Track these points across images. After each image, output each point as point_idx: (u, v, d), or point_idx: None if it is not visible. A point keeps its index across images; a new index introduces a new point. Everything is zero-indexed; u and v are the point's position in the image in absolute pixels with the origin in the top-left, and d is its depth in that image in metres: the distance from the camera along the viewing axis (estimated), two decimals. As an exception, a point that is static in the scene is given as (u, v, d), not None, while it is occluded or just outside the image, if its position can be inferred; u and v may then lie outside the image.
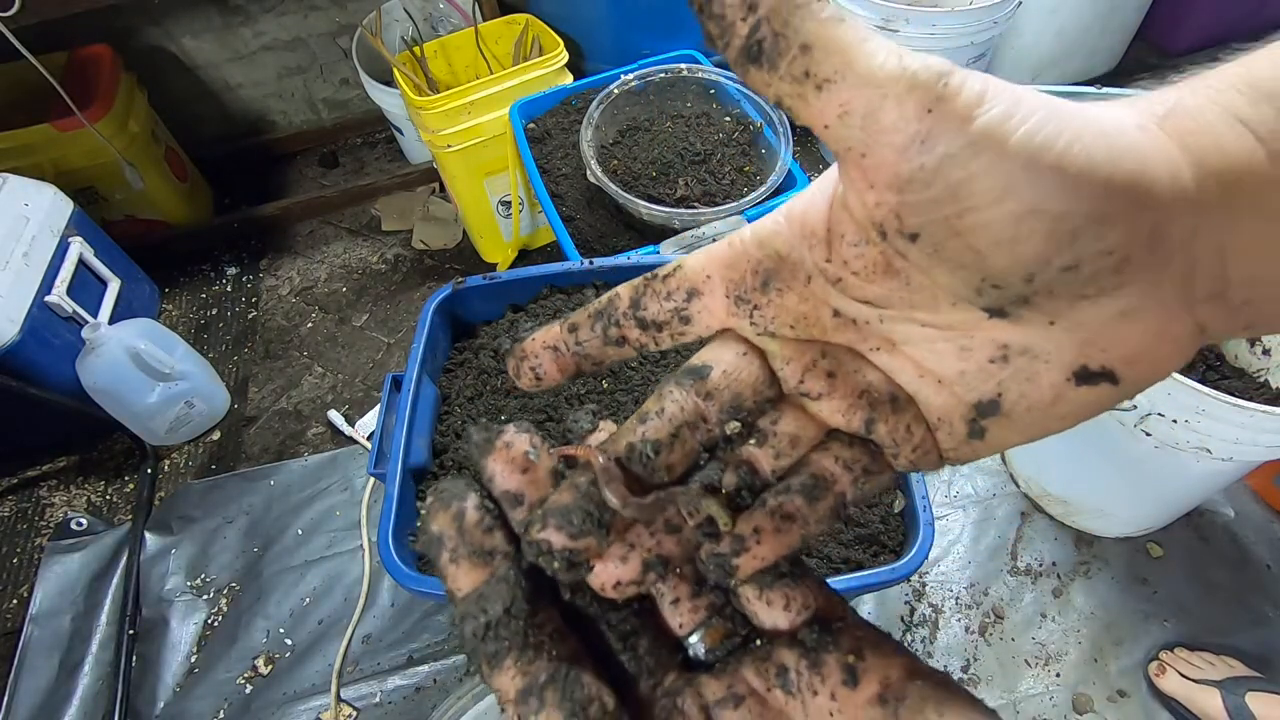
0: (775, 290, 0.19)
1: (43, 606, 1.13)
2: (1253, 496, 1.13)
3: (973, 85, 0.14)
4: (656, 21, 1.39)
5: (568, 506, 0.18)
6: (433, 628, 1.07)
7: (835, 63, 0.14)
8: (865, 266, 0.17)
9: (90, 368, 1.14)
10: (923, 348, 0.18)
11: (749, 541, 0.18)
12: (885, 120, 0.14)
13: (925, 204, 0.14)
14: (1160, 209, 0.14)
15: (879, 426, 0.18)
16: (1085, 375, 0.16)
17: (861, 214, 0.16)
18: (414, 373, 0.77)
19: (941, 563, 1.10)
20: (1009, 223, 0.14)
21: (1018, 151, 0.13)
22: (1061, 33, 1.58)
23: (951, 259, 0.15)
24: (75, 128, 1.30)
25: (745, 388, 0.19)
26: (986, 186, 0.14)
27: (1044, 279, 0.14)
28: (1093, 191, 0.14)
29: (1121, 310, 0.15)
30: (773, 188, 1.01)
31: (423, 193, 1.69)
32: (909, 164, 0.14)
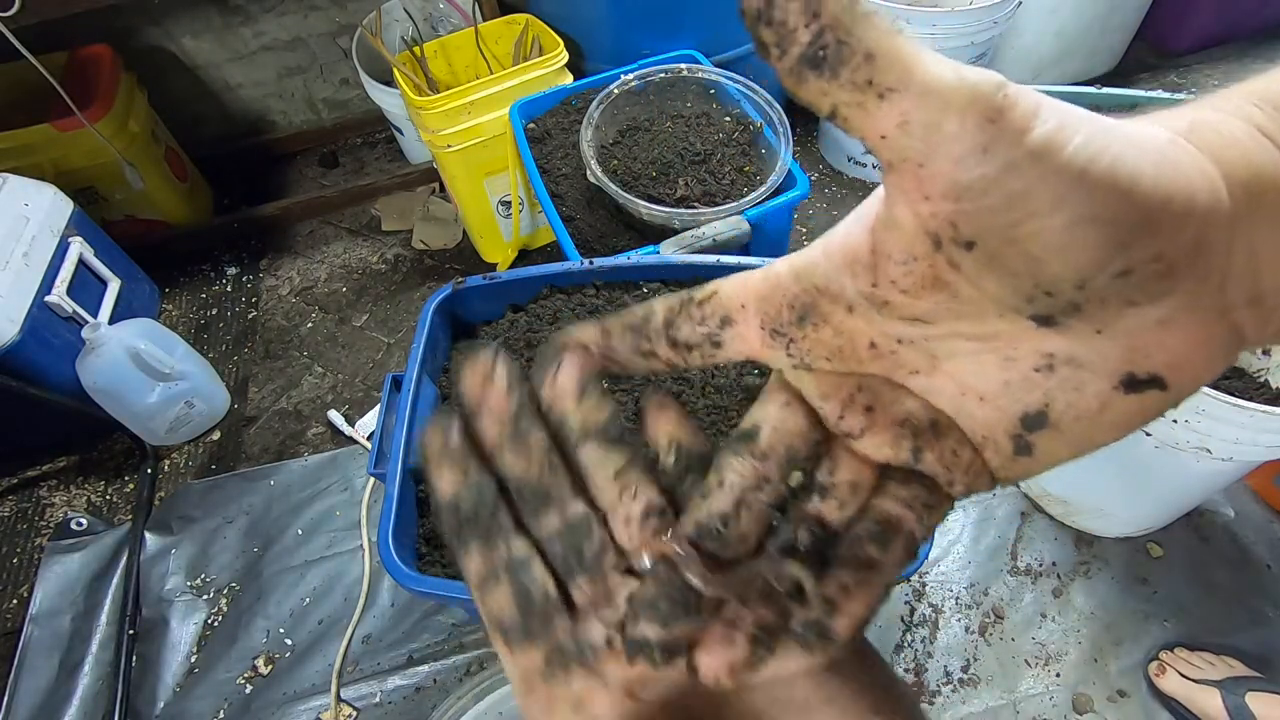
0: (811, 324, 0.19)
1: (43, 606, 1.13)
2: (1253, 496, 1.13)
3: (1028, 98, 0.14)
4: (656, 21, 1.39)
5: (653, 597, 0.19)
6: (433, 628, 1.07)
7: (898, 72, 0.14)
8: (914, 282, 0.17)
9: (90, 368, 1.14)
10: (965, 362, 0.18)
11: (838, 600, 0.18)
12: (947, 130, 0.14)
13: (983, 212, 0.15)
14: (1201, 218, 0.15)
15: (926, 455, 0.19)
16: (1132, 383, 0.16)
17: (913, 225, 0.16)
18: (414, 373, 0.77)
19: (941, 563, 1.10)
20: (1064, 230, 0.14)
21: (1070, 162, 0.14)
22: (1061, 33, 1.58)
23: (1006, 266, 0.15)
24: (75, 128, 1.30)
25: (796, 439, 0.20)
26: (1043, 195, 0.14)
27: (1096, 285, 0.15)
28: (1141, 201, 0.14)
29: (1162, 318, 0.15)
30: (773, 188, 1.01)
31: (423, 193, 1.69)
32: (968, 173, 0.14)
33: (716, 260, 0.86)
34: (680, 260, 0.86)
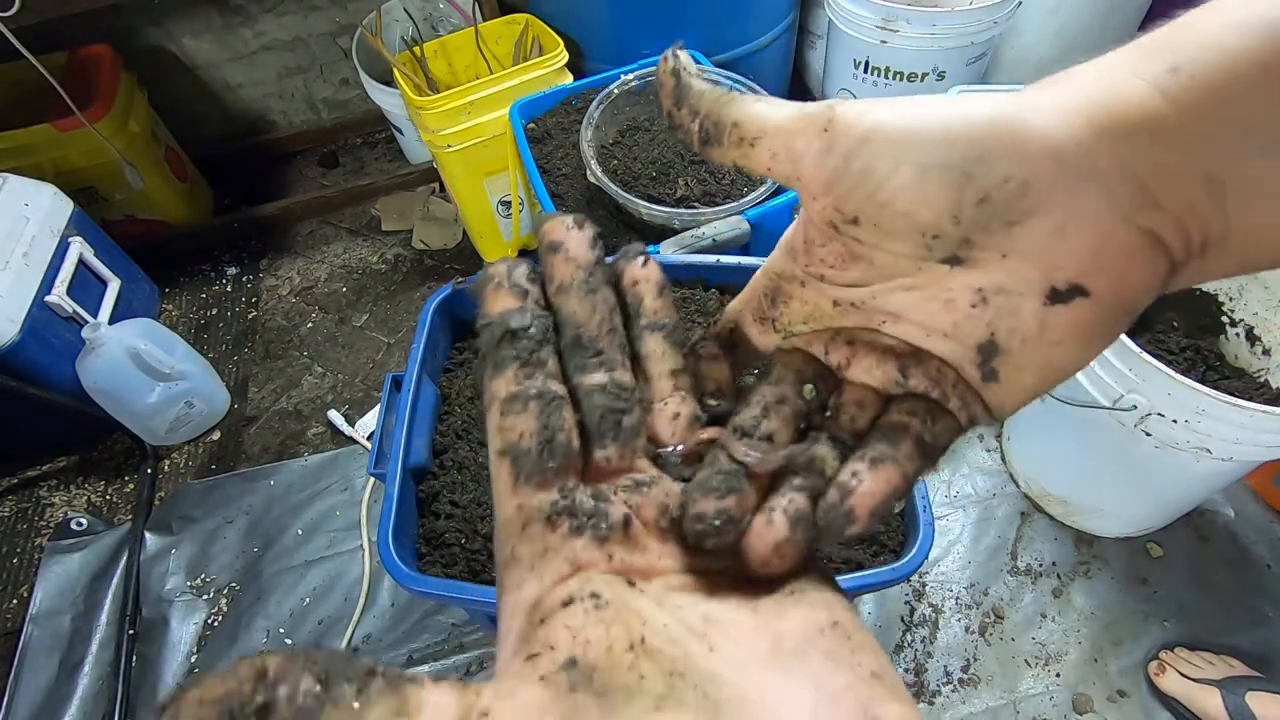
0: (782, 301, 0.23)
1: (43, 606, 1.13)
2: (1253, 496, 1.13)
3: (854, 106, 0.19)
4: (656, 21, 1.39)
5: (708, 478, 0.20)
6: (433, 628, 1.07)
7: (758, 125, 0.20)
8: (835, 258, 0.21)
9: (90, 368, 1.14)
10: (916, 310, 0.20)
11: (852, 483, 0.20)
12: (798, 146, 0.19)
13: (850, 193, 0.19)
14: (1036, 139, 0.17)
15: (913, 373, 0.21)
16: (1057, 295, 0.18)
17: (818, 218, 0.20)
18: (414, 373, 0.77)
19: (941, 563, 1.10)
20: (913, 182, 0.18)
21: (895, 133, 0.18)
22: (1061, 33, 1.58)
23: (890, 228, 0.19)
24: (75, 128, 1.30)
25: (802, 364, 0.23)
26: (882, 162, 0.18)
27: (967, 217, 0.18)
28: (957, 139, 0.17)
29: (1055, 226, 0.17)
30: (773, 188, 1.01)
31: (423, 193, 1.69)
32: (825, 168, 0.19)
33: (716, 260, 0.86)
34: (680, 260, 0.86)
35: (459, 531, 0.72)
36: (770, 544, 0.20)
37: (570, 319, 0.21)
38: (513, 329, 0.20)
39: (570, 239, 0.22)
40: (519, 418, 0.19)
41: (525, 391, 0.20)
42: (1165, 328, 1.03)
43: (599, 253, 0.22)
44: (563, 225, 0.22)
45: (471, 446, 0.79)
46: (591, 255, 0.22)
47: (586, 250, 0.22)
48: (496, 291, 0.21)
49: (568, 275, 0.21)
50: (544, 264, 0.22)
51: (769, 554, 0.20)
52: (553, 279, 0.21)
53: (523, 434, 0.19)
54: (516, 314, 0.21)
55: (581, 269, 0.21)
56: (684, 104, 0.21)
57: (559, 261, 0.21)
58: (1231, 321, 1.02)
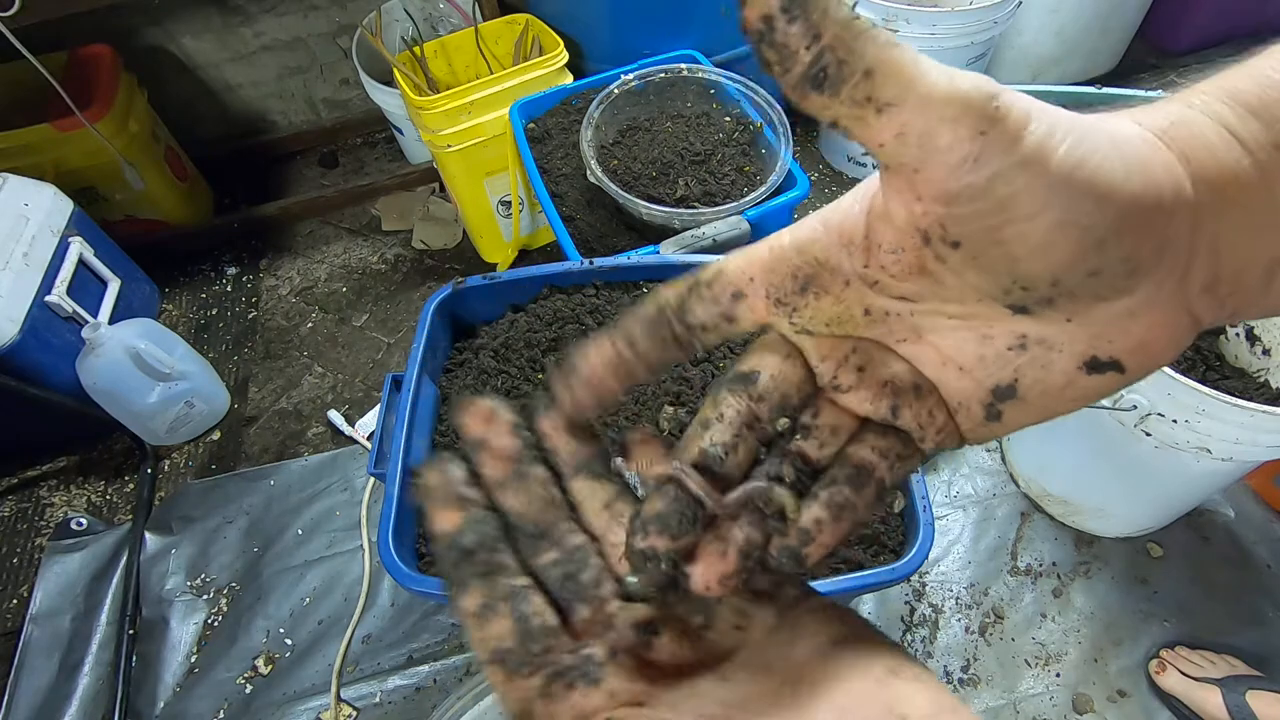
0: (813, 293, 0.20)
1: (43, 606, 1.13)
2: (1253, 496, 1.13)
3: (1020, 106, 0.15)
4: (656, 21, 1.39)
5: (664, 513, 0.20)
6: (433, 628, 1.07)
7: (896, 87, 0.15)
8: (902, 269, 0.18)
9: (90, 368, 1.14)
10: (947, 336, 0.19)
11: (813, 532, 0.20)
12: (941, 141, 0.15)
13: (970, 215, 0.16)
14: (1166, 215, 0.16)
15: (904, 412, 0.20)
16: (1095, 365, 0.18)
17: (905, 221, 0.17)
18: (414, 373, 0.77)
19: (941, 563, 1.10)
20: (1044, 233, 0.15)
21: (1057, 169, 0.15)
22: (1061, 33, 1.58)
23: (987, 264, 0.17)
24: (75, 128, 1.30)
25: (791, 388, 0.21)
26: (1028, 201, 0.15)
27: (1068, 283, 0.16)
28: (1116, 205, 0.15)
29: (1129, 309, 0.17)
30: (773, 188, 1.01)
31: (423, 193, 1.69)
32: (959, 181, 0.15)
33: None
34: (680, 260, 0.86)
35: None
36: (717, 575, 0.20)
37: (512, 512, 0.22)
38: (465, 548, 0.21)
39: (490, 434, 0.22)
40: (494, 624, 0.20)
41: (492, 600, 0.20)
42: (1165, 328, 1.03)
43: (519, 439, 0.22)
44: (479, 418, 0.22)
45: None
46: (513, 445, 0.22)
47: (508, 441, 0.22)
48: (439, 508, 0.21)
49: (498, 472, 0.22)
50: (474, 458, 0.22)
51: (714, 584, 0.20)
52: (487, 477, 0.22)
53: (501, 636, 0.20)
54: (465, 531, 0.21)
55: (509, 461, 0.22)
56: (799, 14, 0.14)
57: (487, 460, 0.22)
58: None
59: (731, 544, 0.20)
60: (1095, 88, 1.07)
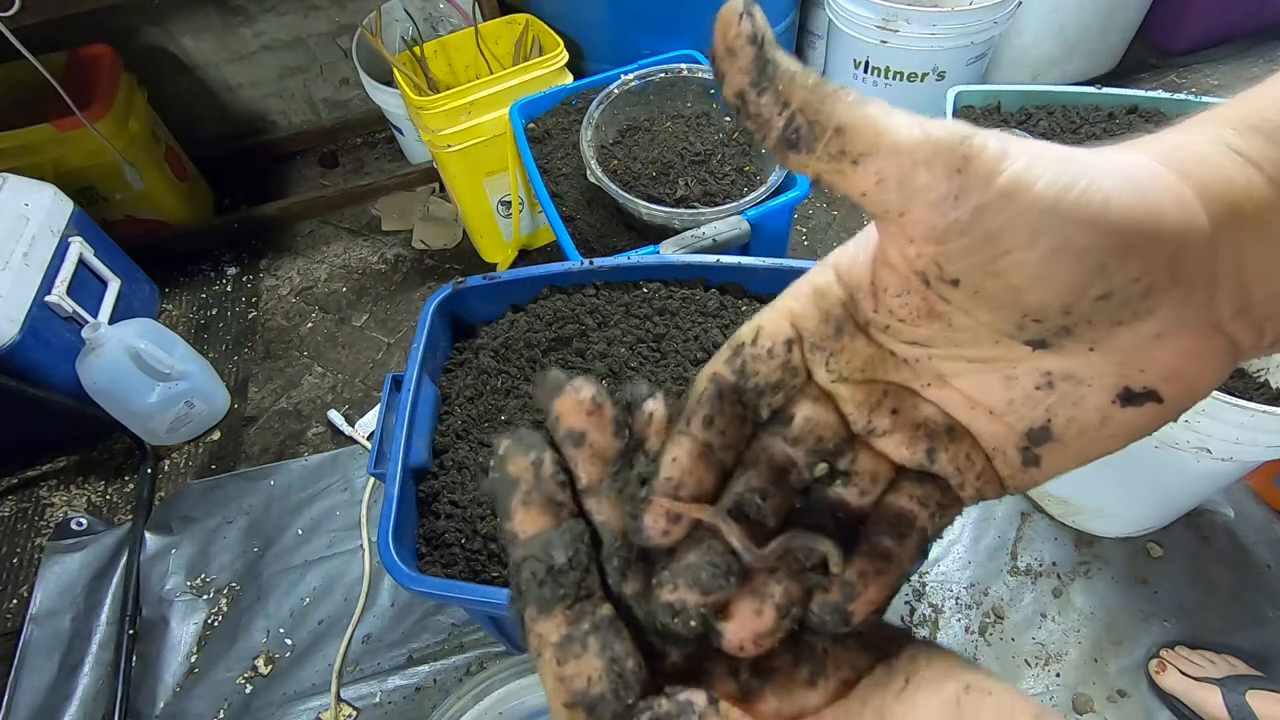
0: (848, 335, 0.20)
1: (43, 606, 1.13)
2: (1253, 496, 1.13)
3: (995, 144, 0.15)
4: (656, 21, 1.39)
5: (696, 564, 0.19)
6: (433, 628, 1.07)
7: (867, 138, 0.15)
8: (910, 313, 0.18)
9: (90, 368, 1.14)
10: (970, 380, 0.19)
11: (857, 587, 0.19)
12: (918, 183, 0.15)
13: (963, 251, 0.16)
14: (1174, 237, 0.15)
15: (940, 456, 0.19)
16: (1129, 396, 0.17)
17: (903, 265, 0.17)
18: (414, 373, 0.77)
19: (941, 563, 1.10)
20: (1041, 261, 0.15)
21: (1042, 197, 0.15)
22: (1061, 33, 1.58)
23: (991, 299, 0.16)
24: (75, 128, 1.30)
25: (826, 430, 0.20)
26: (1017, 230, 0.15)
27: (1080, 309, 0.16)
28: (1109, 227, 0.15)
29: (1155, 333, 0.16)
30: (773, 188, 1.01)
31: (423, 193, 1.69)
32: (945, 217, 0.15)
33: (716, 260, 0.86)
34: (680, 260, 0.86)
35: (459, 531, 0.72)
36: (752, 634, 0.19)
37: (604, 526, 0.19)
38: (555, 570, 0.18)
39: (591, 428, 0.19)
40: (579, 662, 0.18)
41: (579, 630, 0.18)
42: (1165, 328, 1.03)
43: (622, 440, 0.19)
44: (580, 407, 0.19)
45: (471, 446, 0.79)
46: (617, 446, 0.19)
47: (610, 441, 0.19)
48: (524, 506, 0.19)
49: (595, 475, 0.19)
50: (564, 452, 0.19)
51: (748, 644, 0.19)
52: (578, 477, 0.19)
53: (590, 679, 0.18)
54: (557, 546, 0.18)
55: (608, 464, 0.19)
56: (768, 86, 0.16)
57: (583, 460, 0.19)
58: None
59: (768, 600, 0.19)
60: (1095, 88, 1.07)
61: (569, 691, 0.18)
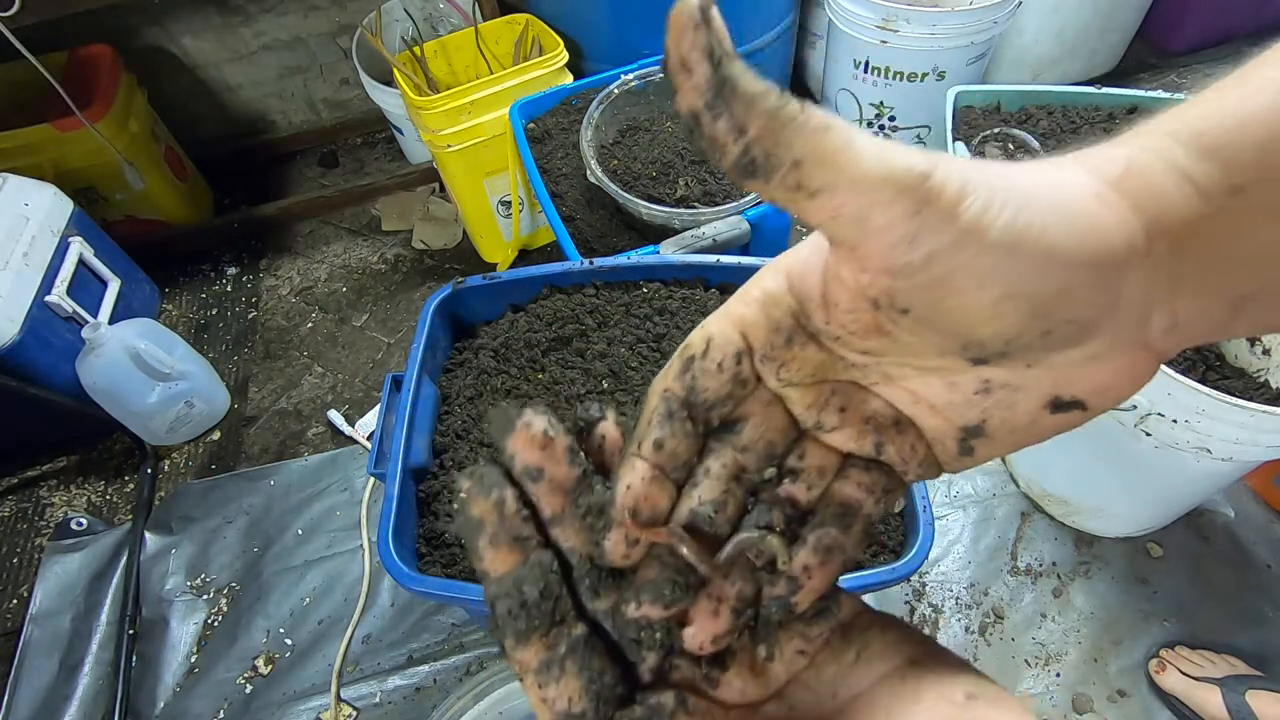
0: (798, 345, 0.20)
1: (43, 606, 1.13)
2: (1253, 496, 1.13)
3: (954, 180, 0.15)
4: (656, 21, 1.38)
5: (656, 580, 0.20)
6: (433, 628, 1.07)
7: (826, 174, 0.15)
8: (859, 328, 0.18)
9: (90, 368, 1.14)
10: (915, 381, 0.20)
11: (802, 579, 0.20)
12: (876, 222, 0.15)
13: (914, 289, 0.16)
14: (1118, 271, 0.16)
15: (888, 448, 0.20)
16: (1059, 404, 0.18)
17: (855, 288, 0.17)
18: (414, 373, 0.77)
19: (941, 563, 1.10)
20: (989, 305, 0.16)
21: (997, 243, 0.15)
22: (1061, 33, 1.58)
23: (938, 328, 0.17)
24: (75, 128, 1.30)
25: (776, 435, 0.21)
26: (969, 276, 0.15)
27: (1020, 344, 0.16)
28: (1061, 271, 0.15)
29: (1090, 354, 0.17)
30: (773, 188, 1.01)
31: (423, 193, 1.69)
32: (898, 259, 0.15)
33: (716, 260, 0.86)
34: (680, 260, 0.86)
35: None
36: (710, 636, 0.20)
37: (572, 552, 0.20)
38: (527, 603, 0.19)
39: (547, 462, 0.19)
40: (560, 685, 0.19)
41: (556, 655, 0.19)
42: (1165, 328, 1.03)
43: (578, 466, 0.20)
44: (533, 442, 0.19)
45: (471, 446, 0.79)
46: (574, 474, 0.20)
47: (567, 472, 0.20)
48: (492, 545, 0.19)
49: (557, 506, 0.20)
50: (524, 487, 0.20)
51: (707, 645, 0.20)
52: (541, 509, 0.20)
53: (570, 699, 0.19)
54: (528, 581, 0.19)
55: (567, 494, 0.20)
56: (723, 111, 0.14)
57: (543, 493, 0.20)
58: (1231, 321, 1.02)
59: (724, 603, 0.20)
60: (1095, 88, 1.07)
61: (553, 713, 0.19)
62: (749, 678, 0.21)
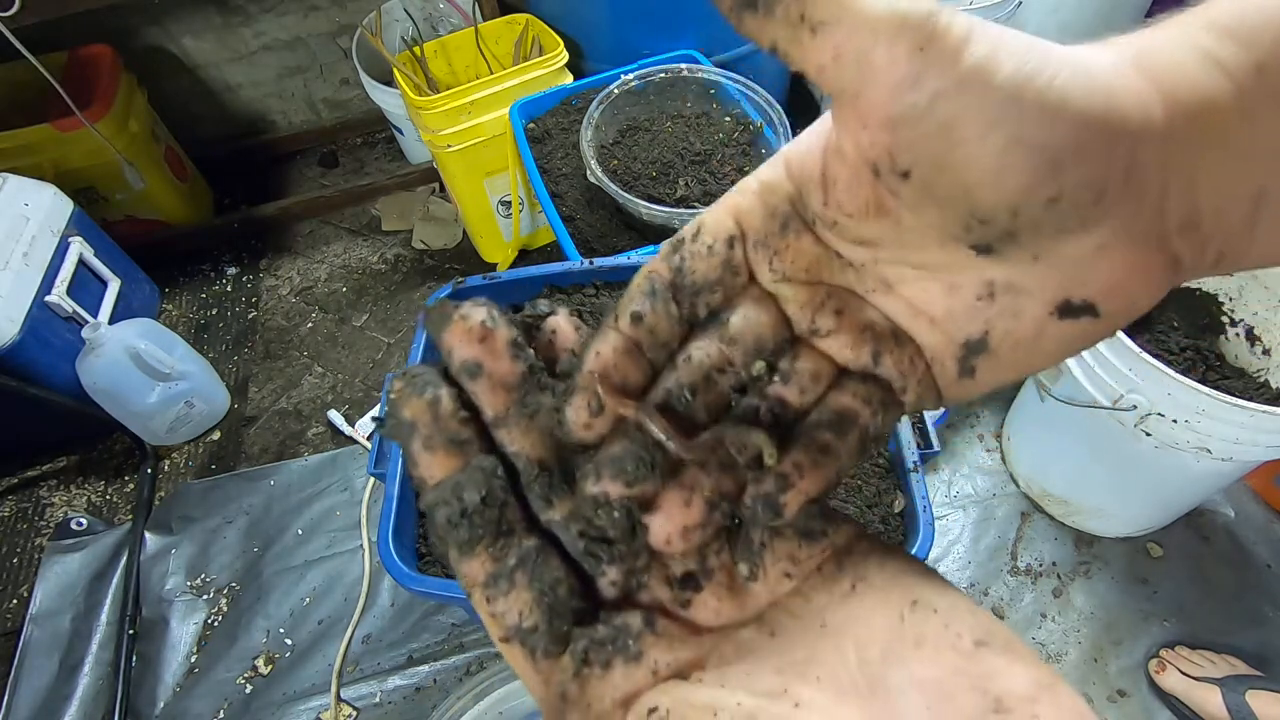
0: (793, 233, 0.19)
1: (43, 606, 1.13)
2: (1253, 496, 1.13)
3: (961, 25, 0.15)
4: (656, 21, 1.38)
5: (620, 455, 0.18)
6: (433, 628, 1.07)
7: (830, 5, 0.15)
8: (859, 207, 0.17)
9: (90, 368, 1.14)
10: (914, 287, 0.18)
11: (792, 478, 0.18)
12: (878, 61, 0.15)
13: (916, 141, 0.15)
14: (1132, 141, 0.15)
15: (885, 359, 0.19)
16: (1067, 309, 0.17)
17: (855, 155, 0.17)
18: (414, 373, 0.77)
19: (941, 563, 1.10)
20: (995, 155, 0.15)
21: (1002, 86, 0.14)
22: (1062, 32, 1.58)
23: (941, 195, 0.16)
24: (75, 128, 1.30)
25: (765, 329, 0.19)
26: (973, 121, 0.14)
27: (1028, 212, 0.15)
28: (1071, 124, 0.14)
29: (1100, 244, 0.16)
30: (773, 188, 1.01)
31: (423, 193, 1.69)
32: (901, 102, 0.15)
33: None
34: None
35: (459, 531, 0.72)
36: (679, 527, 0.18)
37: (519, 456, 0.18)
38: (467, 509, 0.17)
39: (486, 356, 0.18)
40: (509, 598, 0.18)
41: (504, 567, 0.18)
42: (1165, 328, 1.03)
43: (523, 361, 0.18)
44: (471, 335, 0.18)
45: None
46: (516, 371, 0.18)
47: (509, 366, 0.18)
48: (426, 450, 0.18)
49: (499, 405, 0.18)
50: (464, 386, 0.18)
51: (675, 537, 0.18)
52: (483, 409, 0.18)
53: (521, 613, 0.17)
54: (467, 486, 0.18)
55: (511, 390, 0.18)
56: None
57: (484, 391, 0.18)
58: (1231, 321, 1.02)
59: (697, 491, 0.18)
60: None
61: (504, 628, 0.18)
62: (726, 598, 0.19)
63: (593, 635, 0.18)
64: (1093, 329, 0.17)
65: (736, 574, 0.19)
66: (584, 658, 0.17)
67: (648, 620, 0.18)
